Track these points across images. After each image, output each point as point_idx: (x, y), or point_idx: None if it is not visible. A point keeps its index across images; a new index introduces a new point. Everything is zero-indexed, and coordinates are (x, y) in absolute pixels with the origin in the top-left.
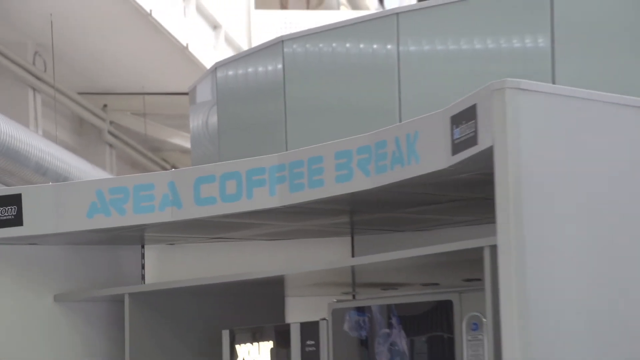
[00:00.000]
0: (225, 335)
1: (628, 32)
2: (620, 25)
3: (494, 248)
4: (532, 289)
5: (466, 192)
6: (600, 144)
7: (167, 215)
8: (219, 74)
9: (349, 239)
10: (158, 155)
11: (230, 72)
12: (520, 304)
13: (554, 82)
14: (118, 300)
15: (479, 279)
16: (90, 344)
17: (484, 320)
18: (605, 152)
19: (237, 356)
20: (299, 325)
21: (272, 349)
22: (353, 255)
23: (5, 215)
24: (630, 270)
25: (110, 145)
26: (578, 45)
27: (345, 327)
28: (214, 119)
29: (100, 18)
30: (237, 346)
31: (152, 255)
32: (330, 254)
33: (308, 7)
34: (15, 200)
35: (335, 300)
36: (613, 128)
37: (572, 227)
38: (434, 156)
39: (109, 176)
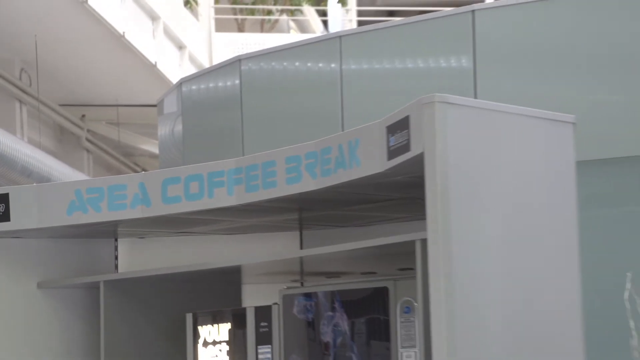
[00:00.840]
0: (189, 318)
1: (541, 52)
2: (534, 47)
3: (424, 241)
4: (457, 277)
5: (400, 193)
6: (516, 151)
7: (137, 212)
8: (184, 88)
9: (297, 233)
10: (130, 160)
11: (194, 87)
12: (447, 290)
13: (475, 97)
14: (94, 287)
15: (411, 268)
16: (68, 326)
17: (416, 304)
18: (521, 158)
19: (199, 336)
20: (253, 309)
21: (230, 330)
22: (301, 248)
23: None
24: (540, 260)
25: (88, 151)
26: (496, 64)
27: (295, 310)
28: (179, 128)
29: (79, 39)
30: (199, 327)
31: (124, 247)
32: (281, 247)
33: (262, 31)
34: (3, 199)
35: (285, 287)
36: (528, 137)
37: (492, 224)
38: (372, 161)
39: (87, 178)
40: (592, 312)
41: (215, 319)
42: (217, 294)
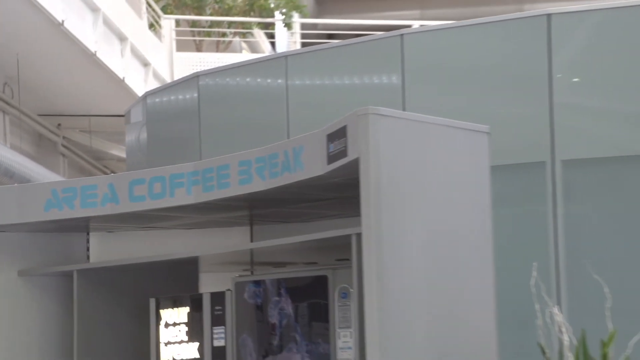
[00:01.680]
0: (152, 302)
1: (460, 71)
2: (454, 66)
3: (359, 235)
4: (387, 266)
5: (338, 193)
6: (439, 157)
7: (107, 209)
8: (148, 100)
9: (248, 228)
10: (100, 163)
11: (157, 99)
12: (378, 277)
13: (404, 109)
14: (68, 275)
15: (347, 259)
16: (45, 309)
17: (351, 290)
18: (443, 163)
19: (161, 318)
20: (209, 294)
21: (188, 313)
22: (251, 241)
23: None
24: (459, 250)
25: (63, 155)
26: (422, 81)
27: (245, 296)
28: (144, 135)
29: (56, 57)
30: (161, 311)
31: (95, 240)
32: (233, 240)
33: (217, 50)
34: None
35: (237, 275)
36: (449, 144)
37: (418, 220)
38: (314, 165)
39: (62, 179)
40: (504, 295)
41: (176, 303)
42: (177, 281)
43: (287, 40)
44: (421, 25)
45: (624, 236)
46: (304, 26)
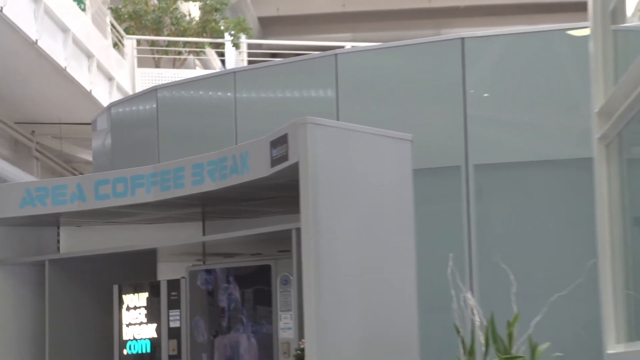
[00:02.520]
0: (115, 288)
1: (387, 86)
2: (381, 82)
3: (298, 230)
4: (323, 257)
5: (280, 192)
6: (368, 161)
7: (75, 206)
8: (113, 110)
9: (201, 223)
10: (70, 166)
11: (120, 109)
12: (315, 267)
13: (338, 119)
14: (40, 264)
15: (288, 250)
16: (20, 295)
17: (291, 278)
18: (371, 166)
19: (123, 303)
20: (166, 281)
21: (147, 298)
22: (204, 235)
23: None
24: (385, 243)
25: (37, 159)
26: (353, 94)
27: (198, 283)
28: (108, 141)
29: (30, 71)
30: (123, 296)
31: (65, 233)
32: (188, 234)
33: (174, 66)
34: None
35: (191, 265)
36: (376, 150)
37: (350, 216)
38: (259, 168)
39: (35, 179)
40: (424, 282)
41: (136, 289)
42: (137, 270)
43: (235, 58)
44: (352, 46)
45: (528, 231)
46: (250, 46)
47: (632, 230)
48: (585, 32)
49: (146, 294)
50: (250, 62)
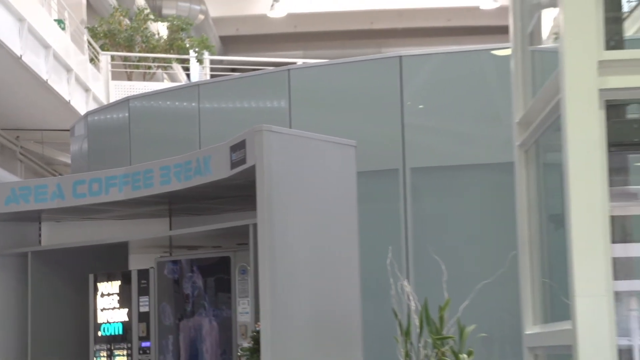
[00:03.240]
0: (91, 277)
1: (334, 97)
2: (329, 93)
3: (255, 225)
4: (276, 249)
5: (239, 192)
6: (317, 164)
7: (55, 204)
8: (89, 118)
9: (167, 219)
10: (51, 168)
11: (96, 117)
12: (269, 258)
13: (290, 127)
14: (23, 256)
15: (246, 243)
16: (5, 284)
17: (249, 268)
18: (320, 169)
19: (98, 290)
20: (136, 271)
21: (120, 285)
22: (170, 229)
23: None
24: (332, 237)
25: (21, 161)
26: (304, 105)
27: (165, 272)
28: (85, 146)
29: (15, 83)
30: (98, 284)
31: (46, 228)
32: (156, 228)
33: (144, 79)
34: None
35: (159, 256)
36: (324, 154)
37: (300, 213)
38: (220, 170)
39: (19, 180)
40: (366, 271)
41: (110, 278)
42: (111, 260)
43: (199, 72)
44: (303, 63)
45: (457, 227)
46: (212, 62)
47: (547, 226)
48: (507, 52)
49: (118, 282)
50: (212, 76)
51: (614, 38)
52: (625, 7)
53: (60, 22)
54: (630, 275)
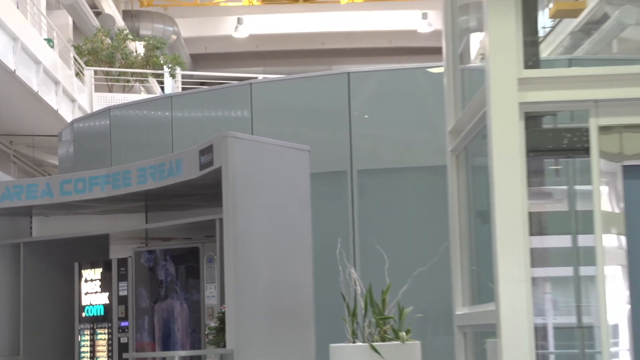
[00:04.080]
0: (76, 265)
1: (289, 108)
2: (286, 105)
3: (221, 220)
4: (239, 241)
5: (207, 190)
6: (275, 166)
7: (44, 200)
8: (75, 125)
9: (144, 214)
10: (41, 169)
11: (81, 125)
12: (234, 248)
13: (252, 134)
14: (16, 246)
15: (213, 235)
16: (0, 271)
17: (215, 257)
18: (278, 171)
19: (82, 276)
20: (116, 259)
21: (101, 272)
22: (146, 223)
23: None
24: (288, 231)
25: (14, 163)
26: (264, 114)
27: (142, 260)
28: (71, 149)
29: (9, 94)
30: (82, 271)
31: (36, 221)
32: (134, 222)
33: (123, 91)
34: None
35: (136, 246)
36: (282, 158)
37: (261, 210)
38: (190, 171)
39: (13, 179)
40: (319, 260)
41: (92, 265)
42: (94, 250)
43: (172, 85)
44: (264, 77)
45: (398, 221)
46: (183, 76)
47: (474, 222)
48: (440, 70)
49: (100, 269)
50: (183, 89)
51: (532, 59)
52: (541, 32)
53: (49, 41)
54: (546, 263)
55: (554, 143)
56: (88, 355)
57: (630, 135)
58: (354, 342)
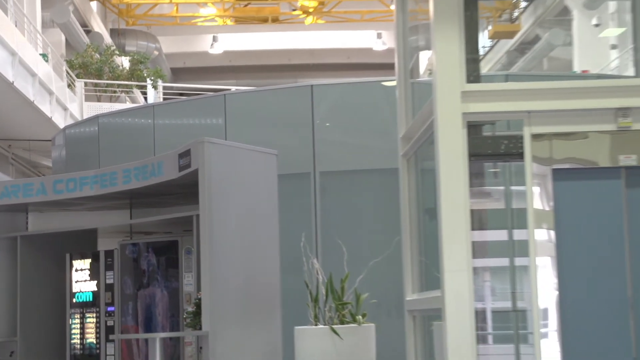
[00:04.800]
0: (67, 256)
1: (257, 116)
2: (254, 114)
3: (197, 216)
4: (214, 235)
5: (185, 190)
6: (246, 169)
7: (39, 198)
8: (67, 131)
9: (129, 210)
10: (36, 170)
11: (72, 131)
12: (209, 242)
13: (226, 139)
14: (14, 239)
15: (190, 230)
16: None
17: (193, 249)
18: (249, 173)
19: (73, 266)
20: (104, 251)
21: (90, 262)
22: (131, 219)
23: None
24: (257, 226)
25: (12, 165)
26: (236, 122)
27: (126, 252)
28: (63, 153)
29: (8, 103)
30: (73, 261)
31: (32, 217)
32: (119, 218)
33: (111, 101)
34: None
35: (122, 239)
36: (253, 161)
37: (234, 208)
38: (170, 172)
39: (11, 179)
40: (285, 252)
41: (82, 256)
42: (83, 243)
43: (154, 95)
44: (236, 89)
45: (356, 217)
46: (164, 87)
47: (423, 218)
48: (393, 83)
49: (89, 260)
50: (164, 99)
51: (473, 74)
52: (481, 51)
53: (44, 55)
54: (485, 254)
55: (492, 149)
56: (78, 336)
57: (559, 142)
58: (316, 324)
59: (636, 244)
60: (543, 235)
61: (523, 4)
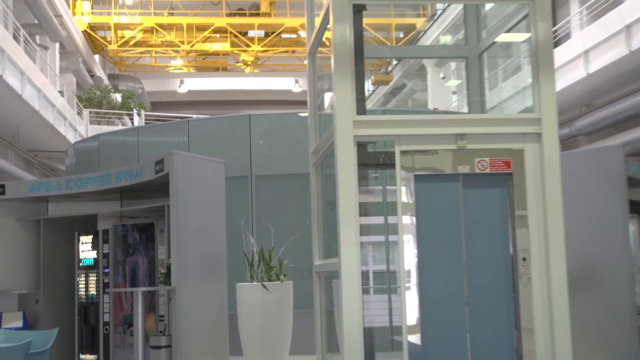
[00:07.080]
0: (76, 233)
1: (215, 136)
2: (212, 134)
3: (168, 205)
4: (180, 220)
5: (160, 187)
6: (202, 174)
7: (56, 192)
8: (76, 146)
9: (119, 201)
10: (54, 172)
11: (80, 145)
12: (176, 224)
13: (189, 152)
14: (38, 221)
15: (163, 215)
16: (27, 238)
17: (164, 229)
18: (206, 179)
19: (80, 240)
20: (102, 230)
21: (92, 238)
22: (121, 207)
23: None
24: (212, 218)
25: (37, 168)
26: (198, 140)
27: (118, 231)
28: (74, 161)
29: (35, 126)
30: (80, 237)
31: (51, 205)
32: (112, 206)
33: (108, 124)
34: (1, 186)
35: (115, 222)
36: (207, 169)
37: (194, 202)
38: (149, 174)
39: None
40: (230, 231)
41: (87, 234)
42: (87, 224)
43: (139, 121)
44: (197, 117)
45: (282, 208)
46: (146, 115)
47: (326, 208)
48: (306, 114)
49: (92, 236)
50: (146, 123)
51: (361, 109)
52: (367, 93)
53: (61, 92)
54: (369, 233)
55: (374, 160)
56: (83, 290)
57: (419, 156)
58: (251, 282)
59: (469, 226)
60: (407, 220)
61: (394, 62)
